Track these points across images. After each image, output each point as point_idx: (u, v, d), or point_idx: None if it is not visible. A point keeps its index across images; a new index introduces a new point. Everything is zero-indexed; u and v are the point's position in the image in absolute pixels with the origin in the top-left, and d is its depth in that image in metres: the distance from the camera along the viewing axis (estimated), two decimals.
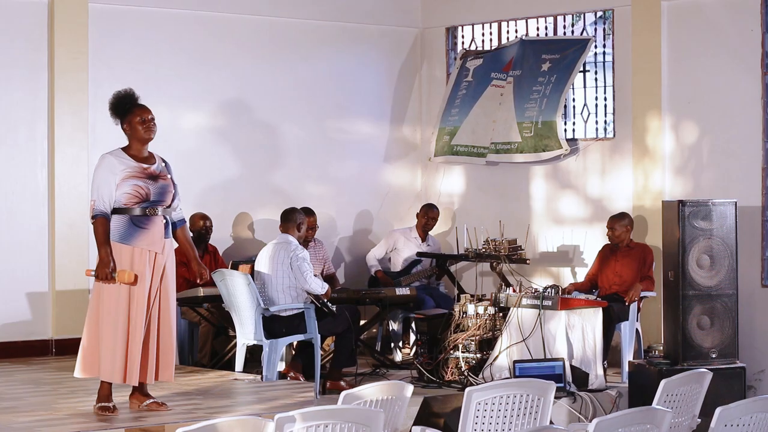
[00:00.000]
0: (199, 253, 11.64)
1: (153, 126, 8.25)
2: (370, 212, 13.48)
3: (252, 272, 10.57)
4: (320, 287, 10.39)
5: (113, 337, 8.08)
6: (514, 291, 10.77)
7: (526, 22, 13.03)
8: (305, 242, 11.70)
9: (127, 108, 8.25)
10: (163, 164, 8.34)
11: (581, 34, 12.62)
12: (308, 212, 11.75)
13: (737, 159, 11.37)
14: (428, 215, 12.75)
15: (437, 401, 9.32)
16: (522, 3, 13.02)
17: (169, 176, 8.29)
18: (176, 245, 8.53)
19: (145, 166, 8.22)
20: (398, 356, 12.09)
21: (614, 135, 12.30)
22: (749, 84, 11.27)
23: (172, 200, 8.29)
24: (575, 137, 12.54)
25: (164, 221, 8.24)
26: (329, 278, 11.82)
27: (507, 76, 12.85)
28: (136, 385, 8.27)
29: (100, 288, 8.16)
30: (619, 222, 11.33)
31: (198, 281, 8.59)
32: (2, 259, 11.38)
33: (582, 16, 12.70)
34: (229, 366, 10.77)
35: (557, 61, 12.46)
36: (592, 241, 12.18)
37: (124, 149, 8.26)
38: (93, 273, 8.09)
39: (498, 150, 12.75)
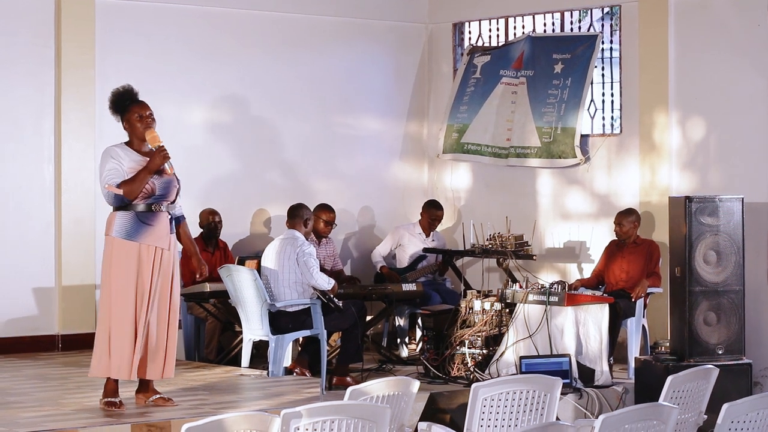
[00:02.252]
0: (209, 248, 11.70)
1: (152, 122, 8.15)
2: (376, 208, 13.46)
3: (258, 268, 10.56)
4: (326, 282, 10.37)
5: (115, 333, 8.07)
6: (520, 287, 10.76)
7: (533, 17, 13.01)
8: (320, 237, 11.72)
9: (126, 105, 8.17)
10: None
11: (588, 29, 12.60)
12: (327, 208, 11.78)
13: (744, 155, 11.35)
14: (432, 216, 12.65)
15: (443, 397, 9.32)
16: None
17: (173, 171, 8.18)
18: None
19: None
20: (404, 352, 12.08)
21: (621, 131, 12.28)
22: (756, 79, 11.25)
23: (176, 196, 8.24)
24: (582, 133, 12.51)
25: (168, 217, 8.18)
26: (337, 274, 11.80)
27: (518, 74, 12.82)
28: (129, 379, 8.19)
29: (108, 285, 8.15)
30: (627, 218, 11.31)
31: (197, 277, 8.60)
32: (9, 255, 11.40)
33: (589, 11, 12.68)
34: (236, 361, 10.77)
35: (569, 62, 12.42)
36: (599, 237, 12.16)
37: (127, 144, 8.21)
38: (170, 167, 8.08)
39: (518, 154, 12.71)
